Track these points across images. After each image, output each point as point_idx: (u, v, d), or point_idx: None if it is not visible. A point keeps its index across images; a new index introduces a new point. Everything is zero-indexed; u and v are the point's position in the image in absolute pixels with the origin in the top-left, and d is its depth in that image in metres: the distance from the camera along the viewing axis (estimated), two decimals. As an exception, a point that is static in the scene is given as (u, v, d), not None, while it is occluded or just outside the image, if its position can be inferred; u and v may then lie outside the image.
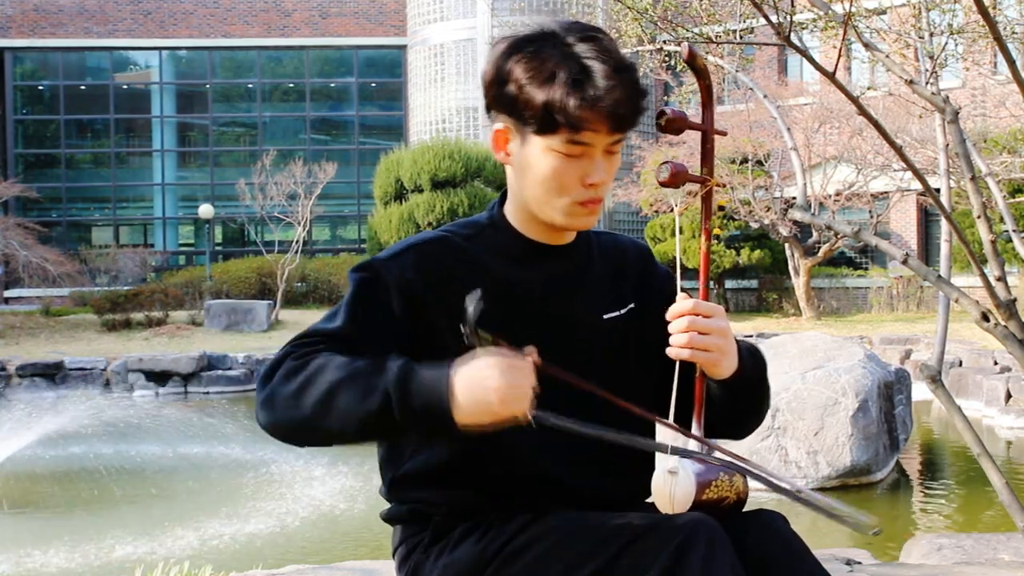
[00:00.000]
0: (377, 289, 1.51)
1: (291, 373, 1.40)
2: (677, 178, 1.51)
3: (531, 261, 1.58)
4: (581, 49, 1.45)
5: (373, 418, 1.34)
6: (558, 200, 1.51)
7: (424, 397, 1.32)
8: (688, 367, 1.52)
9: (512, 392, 1.29)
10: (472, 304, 1.28)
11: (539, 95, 1.43)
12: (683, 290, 1.56)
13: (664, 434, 1.54)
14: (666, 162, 1.52)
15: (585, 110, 1.42)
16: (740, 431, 1.66)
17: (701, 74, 1.54)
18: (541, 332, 1.56)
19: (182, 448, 8.81)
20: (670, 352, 1.50)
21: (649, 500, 1.62)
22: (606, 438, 1.38)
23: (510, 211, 1.60)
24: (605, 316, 1.62)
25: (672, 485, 1.45)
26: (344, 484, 7.19)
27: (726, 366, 1.52)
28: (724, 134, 1.61)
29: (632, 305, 1.65)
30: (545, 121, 1.44)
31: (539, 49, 1.46)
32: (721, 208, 15.60)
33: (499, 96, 1.49)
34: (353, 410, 1.34)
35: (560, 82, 1.42)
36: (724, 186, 16.08)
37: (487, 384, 1.29)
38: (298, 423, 1.39)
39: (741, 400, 1.59)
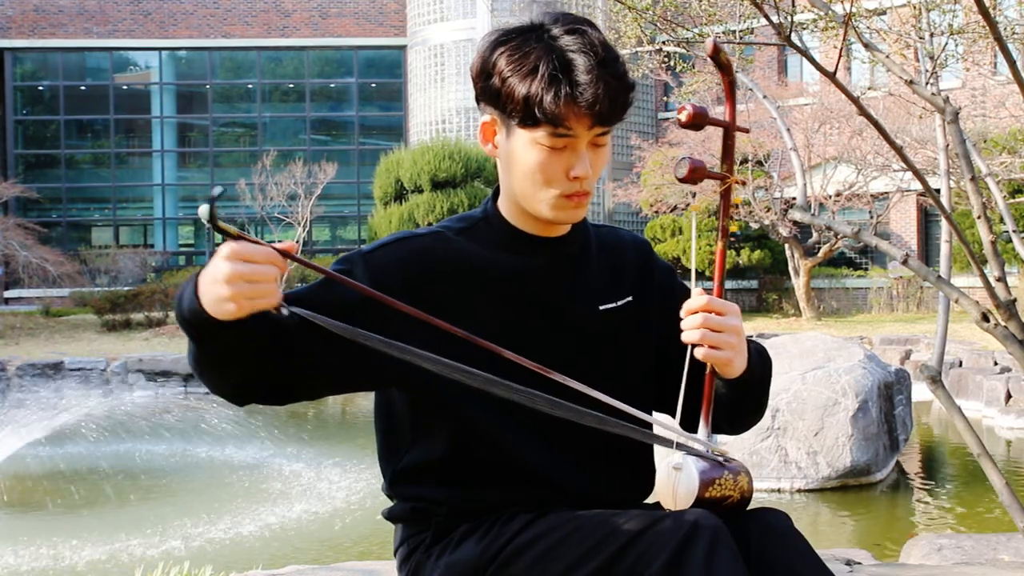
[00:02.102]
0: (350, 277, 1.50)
1: None
2: (696, 174, 1.50)
3: (524, 253, 1.58)
4: (566, 42, 1.45)
5: (185, 332, 1.38)
6: (544, 193, 1.51)
7: (186, 300, 1.35)
8: (696, 364, 1.52)
9: (243, 283, 1.27)
10: (214, 193, 1.25)
11: (521, 88, 1.44)
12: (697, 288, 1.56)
13: (659, 430, 1.54)
14: (685, 157, 1.51)
15: (565, 105, 1.43)
16: (739, 428, 1.67)
17: (725, 69, 1.53)
18: (535, 324, 1.56)
19: (182, 448, 8.82)
20: (682, 338, 1.50)
21: (651, 500, 1.63)
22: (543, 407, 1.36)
23: (503, 204, 1.61)
24: (601, 307, 1.61)
25: (675, 481, 1.45)
26: (345, 484, 7.19)
27: (737, 365, 1.52)
28: (747, 131, 1.60)
29: (630, 298, 1.65)
30: (527, 114, 1.45)
31: (523, 41, 1.46)
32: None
33: (485, 88, 1.50)
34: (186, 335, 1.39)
35: (541, 76, 1.43)
36: (743, 183, 16.08)
37: (218, 276, 1.28)
38: (191, 363, 1.44)
39: (746, 399, 1.60)
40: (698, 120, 1.49)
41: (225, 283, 1.27)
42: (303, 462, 8.03)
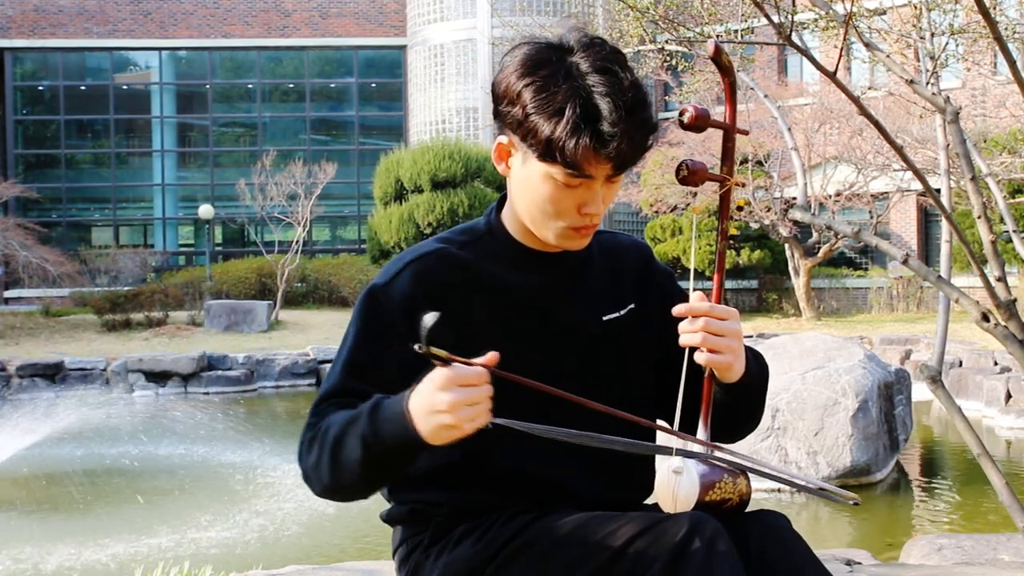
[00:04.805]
0: (382, 316, 1.52)
1: (309, 445, 1.46)
2: (696, 176, 1.50)
3: (528, 267, 1.58)
4: (594, 82, 1.42)
5: (369, 465, 1.38)
6: (552, 223, 1.51)
7: (393, 434, 1.35)
8: (693, 369, 1.52)
9: (465, 408, 1.29)
10: (428, 323, 1.27)
11: (544, 128, 1.42)
12: (695, 290, 1.56)
13: (664, 435, 1.54)
14: (685, 160, 1.51)
15: (588, 152, 1.41)
16: (735, 435, 1.67)
17: (726, 71, 1.52)
18: (540, 337, 1.56)
19: (182, 448, 8.81)
20: (681, 341, 1.50)
21: (650, 501, 1.62)
22: (599, 444, 1.39)
23: (507, 218, 1.60)
24: (604, 318, 1.62)
25: (675, 485, 1.45)
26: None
27: (736, 369, 1.52)
28: (746, 133, 1.60)
29: (632, 305, 1.65)
30: (546, 153, 1.44)
31: (551, 76, 1.43)
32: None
33: (506, 114, 1.48)
34: (353, 465, 1.39)
35: (566, 120, 1.40)
36: (743, 185, 16.07)
37: (438, 407, 1.29)
38: (331, 490, 1.45)
39: (743, 405, 1.60)
40: (700, 122, 1.49)
41: (448, 412, 1.29)
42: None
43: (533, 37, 1.51)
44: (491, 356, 1.31)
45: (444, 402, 1.28)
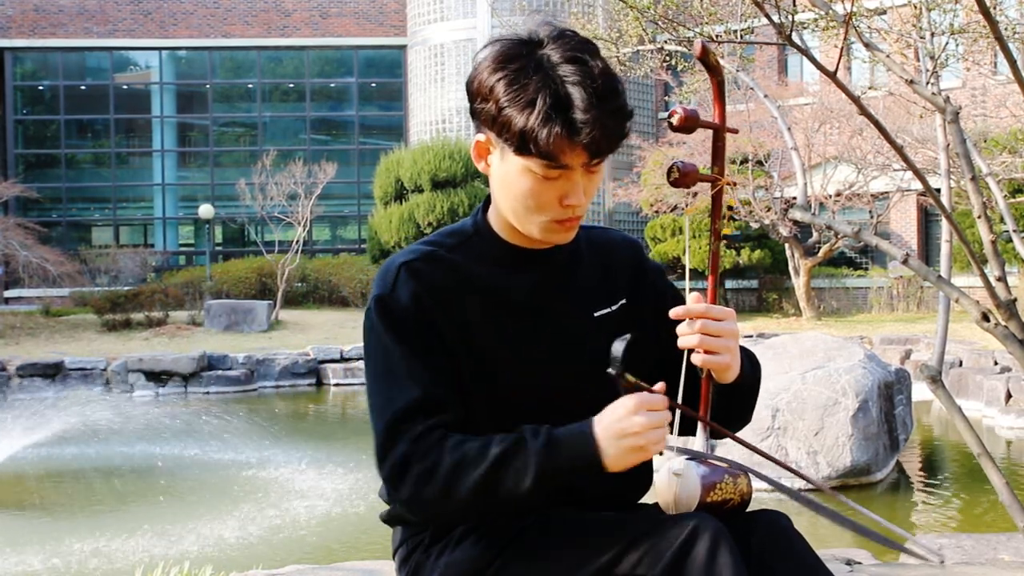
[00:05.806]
0: (402, 318, 1.52)
1: (422, 478, 1.43)
2: (688, 178, 1.50)
3: (517, 267, 1.58)
4: (565, 71, 1.43)
5: (534, 493, 1.41)
6: (535, 217, 1.51)
7: (574, 460, 1.40)
8: (690, 369, 1.52)
9: (655, 432, 1.37)
10: (620, 349, 1.35)
11: (517, 120, 1.42)
12: (691, 291, 1.56)
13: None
14: (676, 162, 1.51)
15: (561, 141, 1.41)
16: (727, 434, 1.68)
17: (714, 71, 1.52)
18: (532, 336, 1.56)
19: (182, 448, 8.81)
20: (680, 343, 1.51)
21: (649, 501, 1.62)
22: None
23: (493, 218, 1.60)
24: (596, 314, 1.62)
25: (676, 488, 1.45)
26: (344, 485, 7.19)
27: (734, 369, 1.53)
28: (735, 132, 1.60)
29: (624, 301, 1.65)
30: (521, 146, 1.44)
31: (522, 69, 1.44)
32: (731, 208, 15.53)
33: (481, 111, 1.48)
34: (513, 493, 1.41)
35: (538, 111, 1.41)
36: (735, 185, 16.04)
37: (631, 430, 1.37)
38: (458, 516, 1.47)
39: (736, 405, 1.61)
40: (689, 123, 1.49)
41: (641, 435, 1.38)
42: (303, 461, 8.02)
43: (504, 34, 1.51)
44: (661, 385, 1.41)
45: (638, 424, 1.37)
